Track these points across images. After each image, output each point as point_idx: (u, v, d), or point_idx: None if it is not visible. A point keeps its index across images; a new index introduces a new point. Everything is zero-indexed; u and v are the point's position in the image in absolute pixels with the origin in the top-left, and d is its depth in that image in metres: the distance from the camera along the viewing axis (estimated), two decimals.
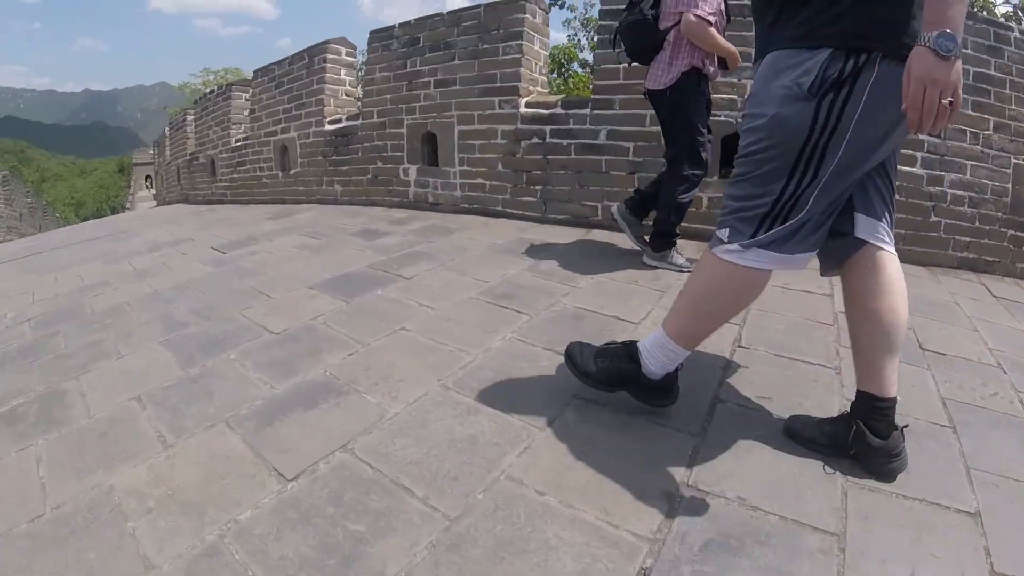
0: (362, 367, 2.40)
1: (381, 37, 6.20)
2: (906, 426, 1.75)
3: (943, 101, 1.30)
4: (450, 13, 5.71)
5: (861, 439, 1.70)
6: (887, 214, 1.75)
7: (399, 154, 6.06)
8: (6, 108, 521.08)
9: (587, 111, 4.81)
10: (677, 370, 1.91)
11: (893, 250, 1.75)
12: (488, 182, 5.39)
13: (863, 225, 1.73)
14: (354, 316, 2.95)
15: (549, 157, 5.02)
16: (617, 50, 4.31)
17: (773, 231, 1.64)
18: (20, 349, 3.09)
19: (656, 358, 1.86)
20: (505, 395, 2.13)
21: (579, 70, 15.63)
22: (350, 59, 7.21)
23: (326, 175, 6.99)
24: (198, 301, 3.44)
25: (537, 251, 4.05)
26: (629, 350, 1.93)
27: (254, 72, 8.21)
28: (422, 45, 5.81)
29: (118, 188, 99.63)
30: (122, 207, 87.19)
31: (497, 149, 5.30)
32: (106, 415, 2.18)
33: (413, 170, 5.97)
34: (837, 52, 1.47)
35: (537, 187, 5.11)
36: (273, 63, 7.80)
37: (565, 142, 4.94)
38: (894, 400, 1.71)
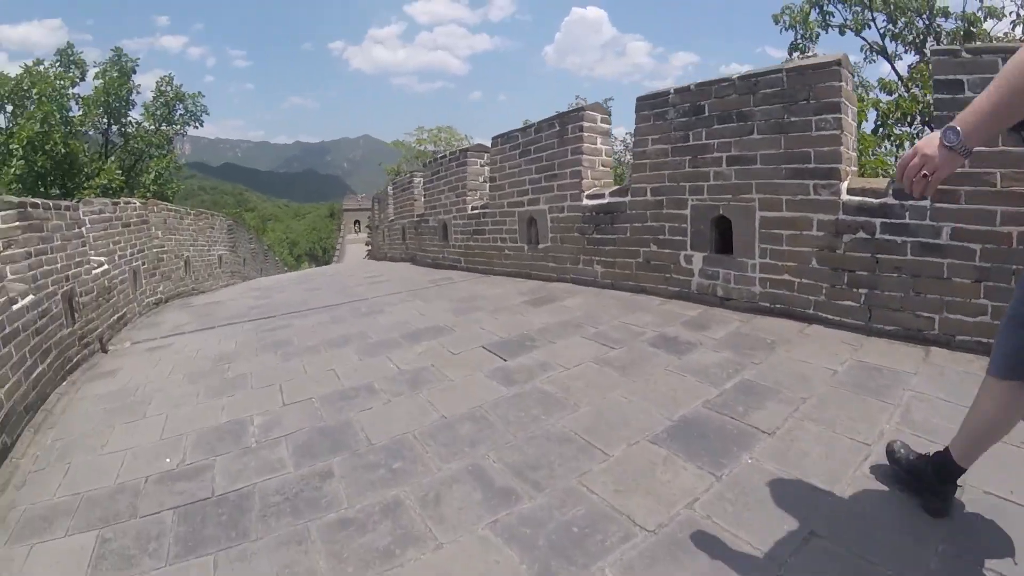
0: None
1: (652, 104, 5.64)
2: None
3: (922, 171, 1.62)
4: (742, 79, 4.99)
5: None
6: None
7: (680, 238, 5.43)
8: (225, 156, 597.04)
9: (926, 203, 3.90)
10: None
11: None
12: (797, 279, 4.60)
13: None
14: (740, 506, 2.27)
15: (878, 256, 4.15)
16: None
17: None
18: (284, 492, 2.70)
19: None
20: None
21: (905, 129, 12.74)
22: (605, 126, 6.74)
23: (584, 254, 6.52)
24: (510, 449, 2.92)
25: (892, 386, 3.20)
26: None
27: (492, 139, 8.00)
28: (708, 115, 5.16)
29: (328, 231, 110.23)
30: (332, 248, 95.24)
31: (811, 242, 4.49)
32: None
33: (698, 258, 5.30)
34: None
35: (861, 290, 4.24)
36: (515, 130, 7.53)
37: (899, 239, 4.04)
38: None
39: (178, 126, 22.01)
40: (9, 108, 17.22)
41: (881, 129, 11.81)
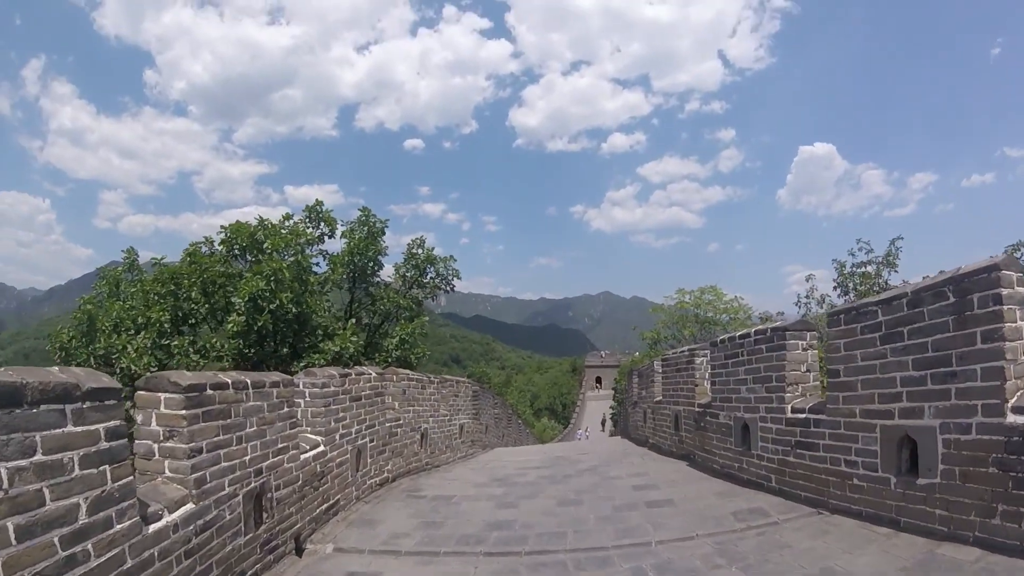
0: None
1: None
2: None
3: None
4: None
5: None
6: None
7: None
8: (476, 309, 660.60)
9: None
10: None
11: None
12: None
13: None
14: None
15: None
16: None
17: None
18: None
19: None
20: None
21: None
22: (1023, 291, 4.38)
23: (1006, 502, 4.10)
24: None
25: None
26: None
27: (830, 316, 5.85)
28: None
29: (569, 386, 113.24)
30: (572, 404, 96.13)
31: None
32: None
33: None
34: None
35: None
36: (870, 303, 5.34)
37: None
38: None
39: (428, 289, 21.60)
40: (249, 259, 17.44)
41: None
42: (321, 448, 6.58)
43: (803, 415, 6.24)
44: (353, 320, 18.43)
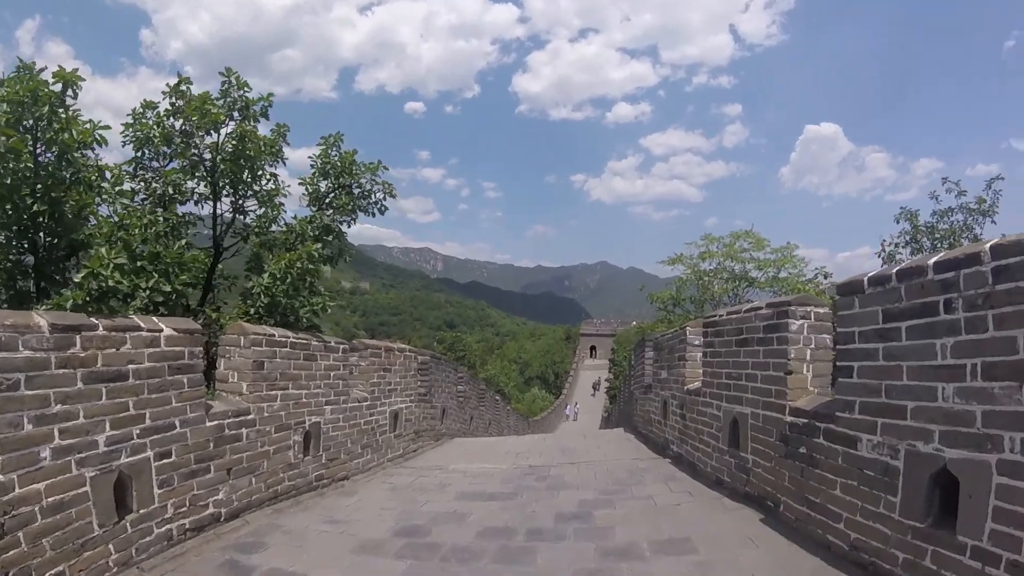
0: None
1: None
2: None
3: None
4: None
5: None
6: None
7: None
8: (472, 275, 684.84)
9: None
10: None
11: None
12: None
13: None
14: None
15: None
16: None
17: None
18: None
19: None
20: None
21: None
22: None
23: None
24: None
25: None
26: None
27: None
28: None
29: (563, 354, 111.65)
30: (565, 373, 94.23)
31: None
32: None
33: None
34: None
35: None
36: None
37: None
38: None
39: (343, 211, 12.21)
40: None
41: None
42: None
43: None
44: (167, 247, 8.75)
